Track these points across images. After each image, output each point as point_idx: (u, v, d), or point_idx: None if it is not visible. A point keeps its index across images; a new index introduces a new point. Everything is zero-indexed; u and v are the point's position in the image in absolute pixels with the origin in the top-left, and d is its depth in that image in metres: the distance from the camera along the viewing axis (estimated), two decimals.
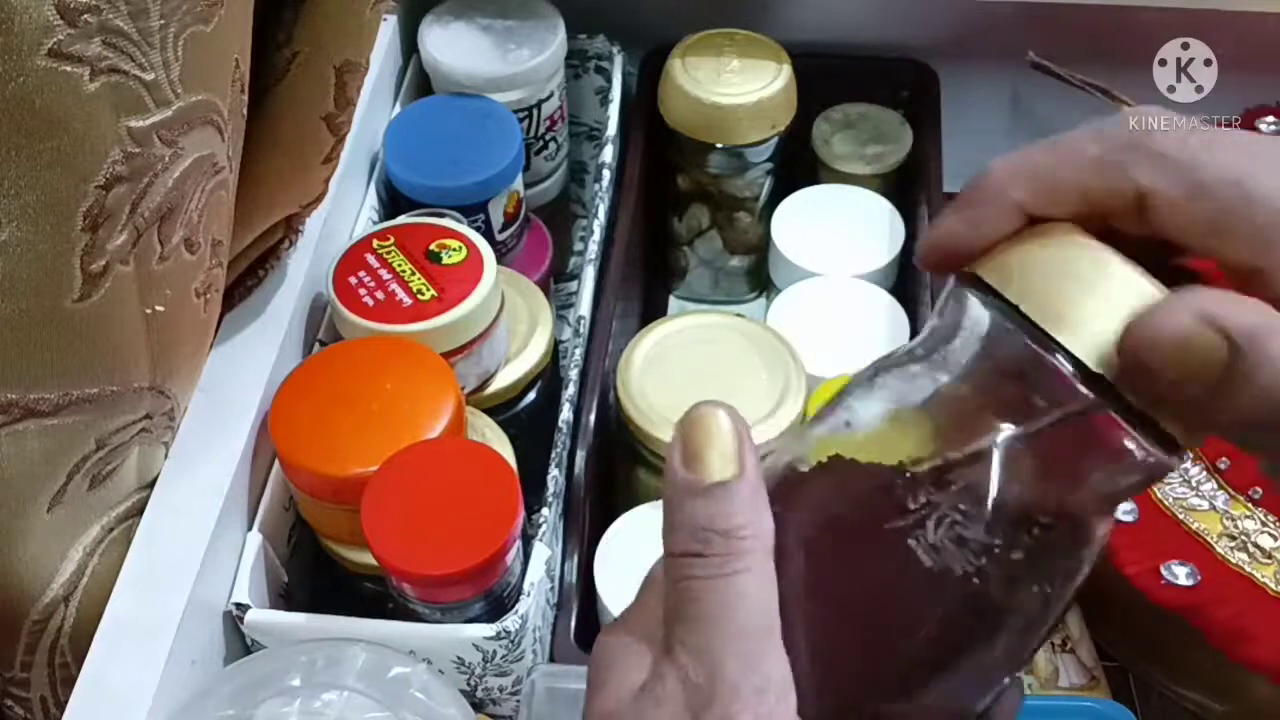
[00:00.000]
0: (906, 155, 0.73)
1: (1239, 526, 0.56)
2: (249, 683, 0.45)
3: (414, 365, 0.51)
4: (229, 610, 0.49)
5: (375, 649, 0.46)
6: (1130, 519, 0.56)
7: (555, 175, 0.72)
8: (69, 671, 0.48)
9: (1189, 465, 0.58)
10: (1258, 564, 0.55)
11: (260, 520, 0.51)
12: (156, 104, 0.40)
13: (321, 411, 0.50)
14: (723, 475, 0.29)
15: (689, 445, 0.29)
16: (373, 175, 0.64)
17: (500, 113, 0.64)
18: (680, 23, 0.71)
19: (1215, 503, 0.57)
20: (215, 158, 0.44)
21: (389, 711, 0.44)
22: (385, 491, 0.47)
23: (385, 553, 0.46)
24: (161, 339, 0.45)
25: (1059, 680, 0.57)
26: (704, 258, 0.76)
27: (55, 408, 0.42)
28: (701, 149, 0.70)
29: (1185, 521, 0.56)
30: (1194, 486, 0.57)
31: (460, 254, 0.55)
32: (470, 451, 0.50)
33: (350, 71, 0.50)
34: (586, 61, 0.73)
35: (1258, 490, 0.56)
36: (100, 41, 0.37)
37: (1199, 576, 0.54)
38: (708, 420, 0.29)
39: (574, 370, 0.59)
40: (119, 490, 0.47)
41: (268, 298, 0.55)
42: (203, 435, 0.50)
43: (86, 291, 0.40)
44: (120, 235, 0.41)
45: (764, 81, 0.68)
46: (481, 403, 0.57)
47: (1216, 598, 0.54)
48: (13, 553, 0.44)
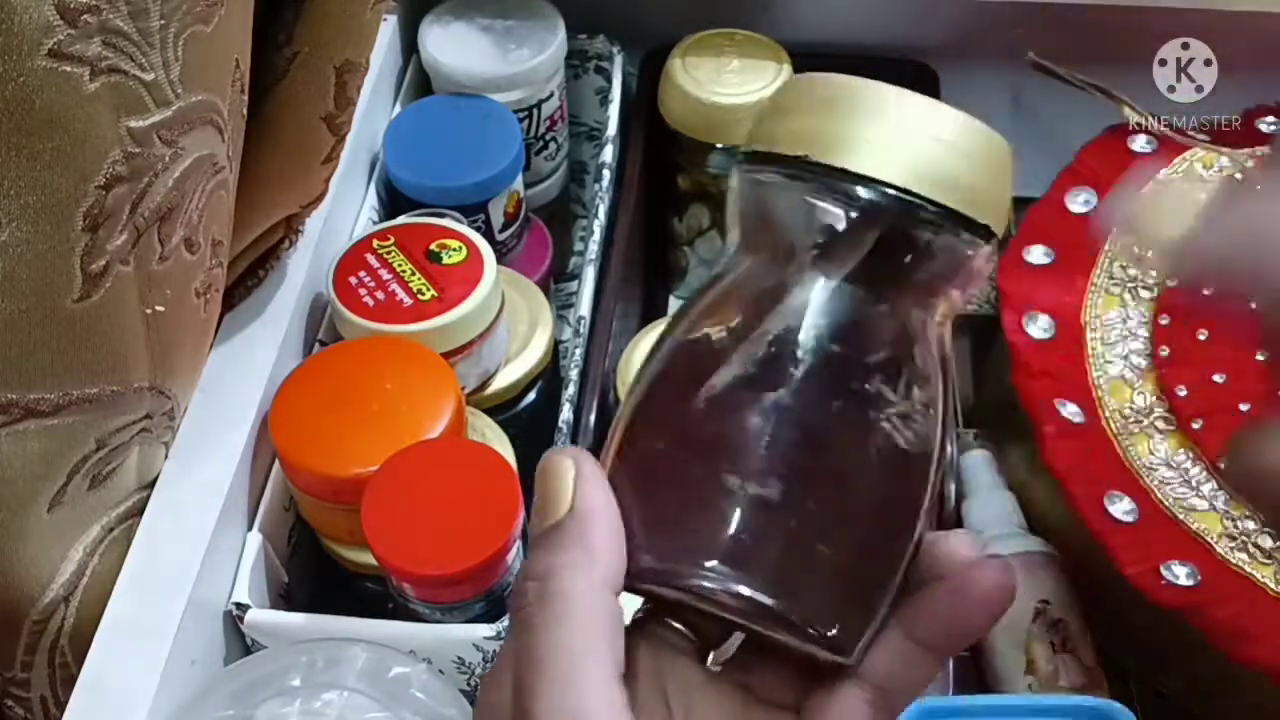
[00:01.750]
0: None
1: (1239, 527, 0.56)
2: (249, 683, 0.45)
3: (414, 365, 0.51)
4: (229, 610, 0.49)
5: (375, 649, 0.46)
6: (1130, 519, 0.56)
7: (555, 175, 0.72)
8: (69, 671, 0.48)
9: (1189, 465, 0.58)
10: (1258, 564, 0.55)
11: (260, 520, 0.51)
12: (156, 104, 0.40)
13: (322, 411, 0.50)
14: (554, 518, 0.29)
15: (536, 498, 0.30)
16: (373, 175, 0.64)
17: (500, 113, 0.64)
18: (680, 23, 0.71)
19: (1215, 503, 0.57)
20: (215, 158, 0.44)
21: (389, 711, 0.44)
22: (385, 491, 0.47)
23: (385, 553, 0.46)
24: (162, 339, 0.45)
25: (1058, 680, 0.57)
26: (704, 258, 0.76)
27: (55, 408, 0.42)
28: (701, 149, 0.70)
29: (1185, 522, 0.56)
30: (1194, 487, 0.57)
31: (460, 254, 0.55)
32: (470, 451, 0.50)
33: (350, 71, 0.50)
34: (586, 61, 0.73)
35: None
36: (100, 41, 0.37)
37: (1199, 577, 0.54)
38: (546, 469, 0.30)
39: (574, 370, 0.59)
40: (119, 490, 0.47)
41: (268, 298, 0.55)
42: (203, 435, 0.50)
43: (86, 292, 0.40)
44: (120, 235, 0.41)
45: (764, 82, 0.68)
46: (482, 403, 0.57)
47: (1217, 598, 0.54)
48: (13, 553, 0.44)
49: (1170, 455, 0.58)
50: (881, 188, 0.28)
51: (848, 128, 0.29)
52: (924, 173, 0.28)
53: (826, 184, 0.29)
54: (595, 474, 0.29)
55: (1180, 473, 0.58)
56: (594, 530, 0.28)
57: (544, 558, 0.28)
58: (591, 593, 0.28)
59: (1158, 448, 0.59)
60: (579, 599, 0.27)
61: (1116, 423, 0.60)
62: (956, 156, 0.29)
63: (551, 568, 0.28)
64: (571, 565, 0.28)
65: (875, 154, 0.28)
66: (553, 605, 0.27)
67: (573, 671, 0.27)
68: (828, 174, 0.29)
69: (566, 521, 0.28)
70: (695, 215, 0.74)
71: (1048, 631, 0.59)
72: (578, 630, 0.27)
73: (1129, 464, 0.58)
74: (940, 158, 0.29)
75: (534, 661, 0.27)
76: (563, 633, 0.27)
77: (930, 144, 0.29)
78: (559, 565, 0.28)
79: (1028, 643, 0.59)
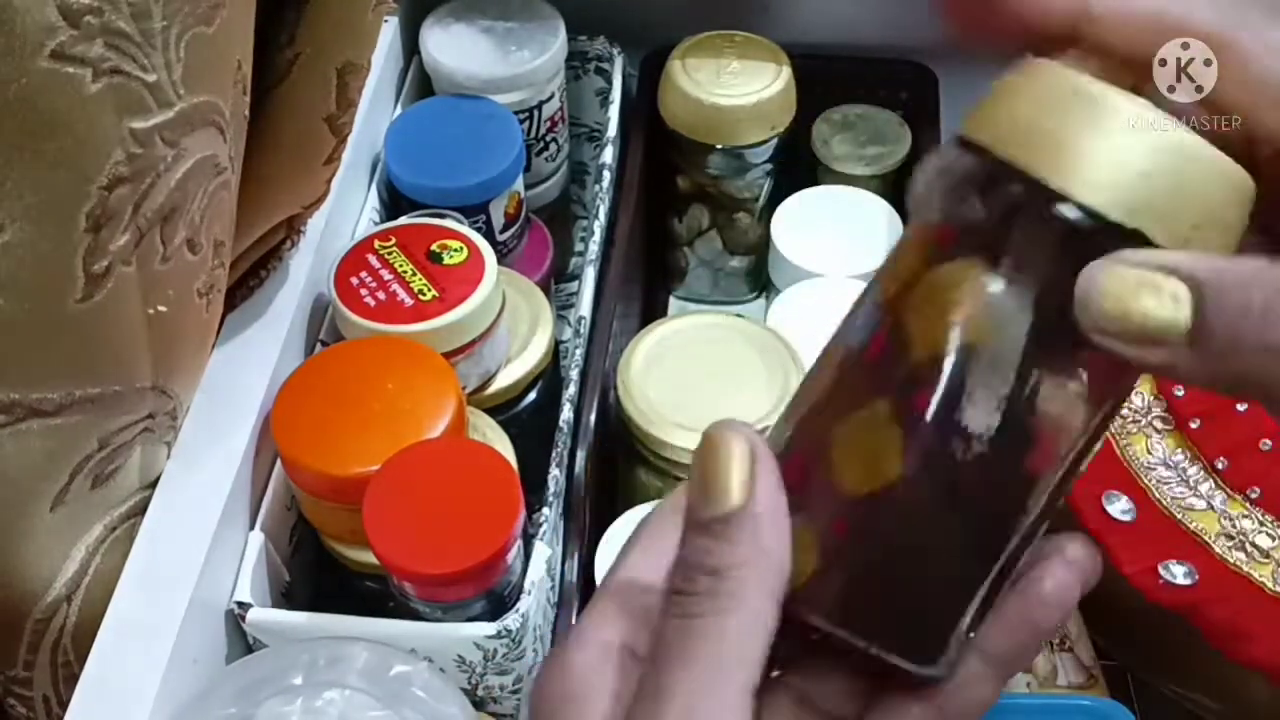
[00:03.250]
0: (905, 156, 0.73)
1: (1237, 526, 0.56)
2: (251, 681, 0.45)
3: (415, 365, 0.51)
4: (231, 609, 0.49)
5: (377, 648, 0.46)
6: (1128, 518, 0.56)
7: (556, 176, 0.73)
8: (71, 670, 0.48)
9: (1187, 465, 0.58)
10: (1256, 563, 0.55)
11: (262, 519, 0.51)
12: (159, 105, 0.40)
13: (323, 411, 0.50)
14: (724, 508, 0.27)
15: (699, 473, 0.28)
16: (374, 176, 0.64)
17: (501, 114, 0.65)
18: (680, 24, 0.71)
19: (1213, 502, 0.57)
20: (217, 159, 0.44)
21: (390, 710, 0.44)
22: (387, 491, 0.47)
23: (387, 552, 0.46)
24: (164, 339, 0.45)
25: (1057, 679, 0.58)
26: (704, 258, 0.76)
27: (58, 407, 0.42)
28: (701, 150, 0.70)
29: (1183, 521, 0.56)
30: (1192, 486, 0.57)
31: (461, 254, 0.55)
32: (471, 451, 0.50)
33: (352, 73, 0.51)
34: (587, 63, 0.74)
35: (1255, 489, 0.56)
36: (102, 43, 0.37)
37: (1197, 576, 0.55)
38: (717, 445, 0.28)
39: (574, 370, 0.59)
40: (121, 490, 0.48)
41: (270, 298, 0.55)
42: (205, 435, 0.50)
43: (89, 292, 0.41)
44: (123, 236, 0.41)
45: (763, 83, 0.69)
46: (482, 403, 0.57)
47: (1214, 597, 0.54)
48: (16, 552, 0.44)
49: (1168, 454, 0.58)
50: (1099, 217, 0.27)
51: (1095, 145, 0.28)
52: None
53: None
54: (772, 466, 0.28)
55: (1178, 472, 0.58)
56: (770, 533, 0.27)
57: (717, 551, 0.27)
58: (761, 599, 0.27)
59: (1155, 447, 0.59)
60: (749, 603, 0.27)
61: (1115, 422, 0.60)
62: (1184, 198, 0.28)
63: (726, 564, 0.27)
64: (746, 565, 0.27)
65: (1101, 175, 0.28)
66: (722, 602, 0.27)
67: (721, 676, 0.26)
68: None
69: (742, 517, 0.27)
70: (695, 216, 0.74)
71: None
72: (740, 636, 0.26)
73: (1127, 463, 0.58)
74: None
75: (685, 653, 0.26)
76: (726, 634, 0.26)
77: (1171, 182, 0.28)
78: (734, 563, 0.27)
79: None
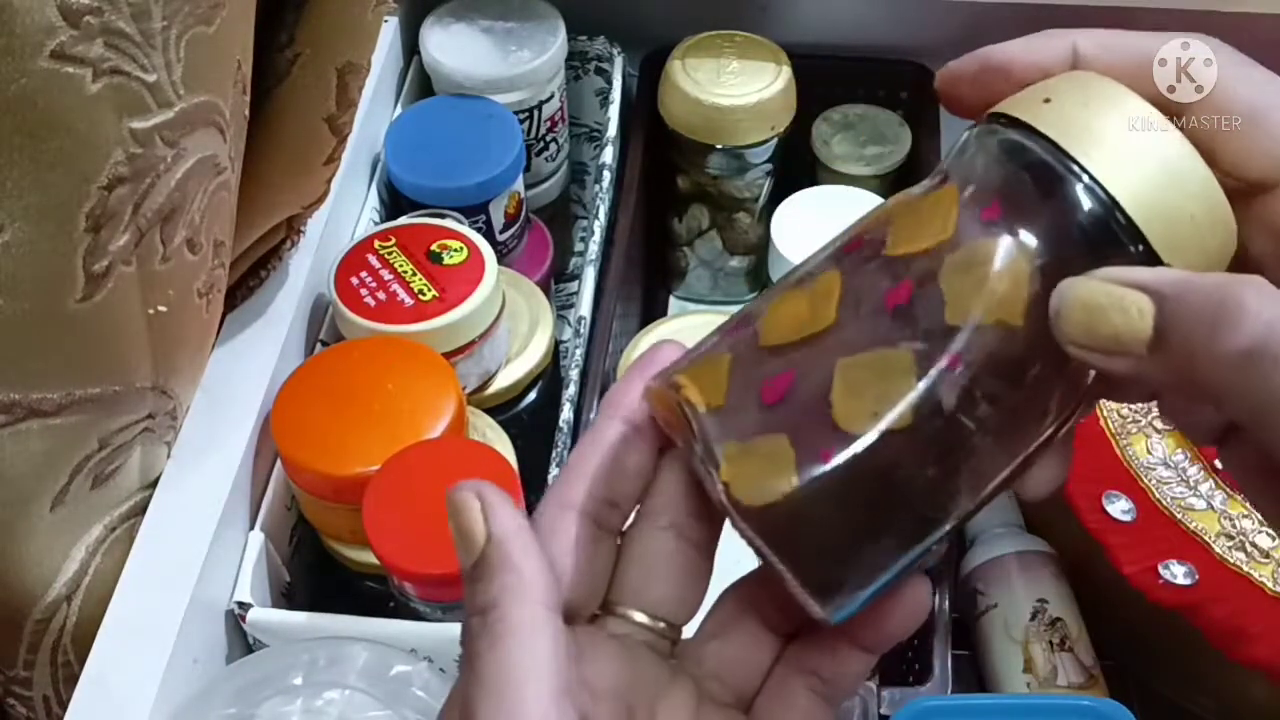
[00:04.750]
0: (905, 156, 0.73)
1: (1237, 526, 0.56)
2: (251, 681, 0.45)
3: (415, 365, 0.51)
4: (231, 609, 0.49)
5: (377, 648, 0.46)
6: (1128, 518, 0.56)
7: (556, 176, 0.73)
8: (71, 670, 0.48)
9: (1187, 465, 0.58)
10: (1255, 563, 0.55)
11: (262, 519, 0.51)
12: (159, 105, 0.40)
13: (323, 411, 0.50)
14: (475, 552, 0.29)
15: (454, 535, 0.30)
16: (374, 176, 0.64)
17: (501, 114, 0.65)
18: (680, 24, 0.71)
19: (1213, 502, 0.57)
20: (217, 158, 0.44)
21: (390, 710, 0.44)
22: (387, 491, 0.47)
23: (387, 552, 0.46)
24: (164, 339, 0.45)
25: (1057, 679, 0.58)
26: (704, 258, 0.76)
27: (58, 407, 0.42)
28: (701, 150, 0.70)
29: (1183, 521, 0.56)
30: (1192, 486, 0.57)
31: (461, 254, 0.55)
32: (471, 451, 0.50)
33: (352, 73, 0.51)
34: (587, 63, 0.74)
35: None
36: (102, 43, 0.37)
37: (1197, 576, 0.55)
38: (455, 504, 0.30)
39: (574, 370, 0.59)
40: (121, 489, 0.48)
41: (270, 298, 0.55)
42: (205, 435, 0.50)
43: (89, 292, 0.41)
44: (123, 236, 0.41)
45: (763, 83, 0.69)
46: (482, 402, 0.57)
47: (1214, 597, 0.54)
48: (16, 552, 0.44)
49: (1168, 455, 0.58)
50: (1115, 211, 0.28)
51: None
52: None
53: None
54: (501, 499, 0.30)
55: (1178, 472, 0.58)
56: (516, 552, 0.29)
57: (479, 590, 0.29)
58: (530, 612, 0.28)
59: (1155, 447, 0.59)
60: (517, 620, 0.28)
61: (1115, 422, 0.60)
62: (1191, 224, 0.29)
63: (488, 597, 0.28)
64: (504, 589, 0.28)
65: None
66: (495, 631, 0.28)
67: (513, 692, 0.27)
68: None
69: (488, 551, 0.29)
70: (695, 216, 0.74)
71: (1046, 630, 0.59)
72: (518, 652, 0.27)
73: (1127, 463, 0.58)
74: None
75: (478, 685, 0.27)
76: (505, 655, 0.27)
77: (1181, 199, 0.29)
78: (494, 593, 0.28)
79: (1026, 642, 0.59)
